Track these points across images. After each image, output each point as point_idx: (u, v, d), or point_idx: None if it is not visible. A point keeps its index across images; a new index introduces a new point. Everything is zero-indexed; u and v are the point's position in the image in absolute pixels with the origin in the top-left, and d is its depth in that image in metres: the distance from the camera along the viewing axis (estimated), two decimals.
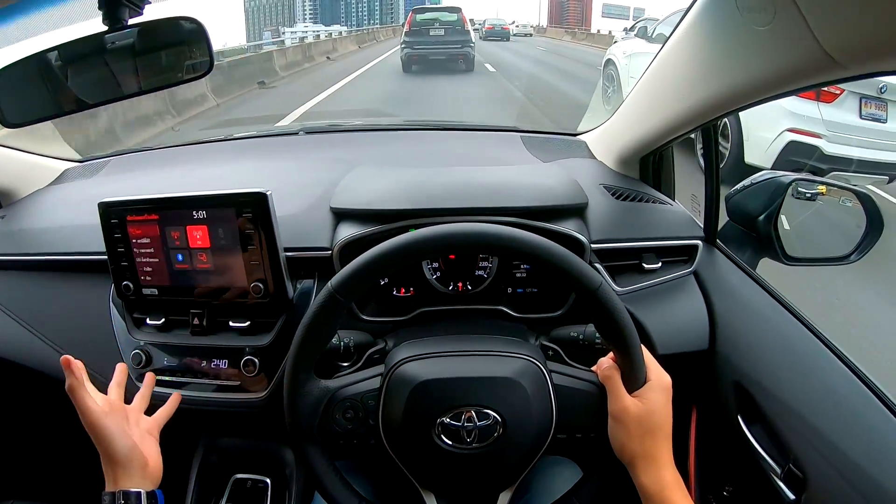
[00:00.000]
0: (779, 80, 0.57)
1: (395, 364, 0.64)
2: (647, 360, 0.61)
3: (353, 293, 0.59)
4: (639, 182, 0.97)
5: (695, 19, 0.66)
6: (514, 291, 0.87)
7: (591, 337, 0.74)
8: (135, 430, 0.66)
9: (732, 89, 0.63)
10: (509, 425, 0.61)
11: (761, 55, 0.56)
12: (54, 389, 0.87)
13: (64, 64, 0.77)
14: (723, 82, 0.64)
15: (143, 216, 0.79)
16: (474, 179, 0.89)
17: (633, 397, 0.60)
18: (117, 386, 0.70)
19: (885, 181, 3.59)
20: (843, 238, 0.92)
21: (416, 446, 0.62)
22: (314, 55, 12.81)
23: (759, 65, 0.57)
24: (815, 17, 0.48)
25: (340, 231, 0.83)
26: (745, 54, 0.59)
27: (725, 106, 0.67)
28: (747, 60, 0.59)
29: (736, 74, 0.61)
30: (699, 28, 0.66)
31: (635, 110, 0.90)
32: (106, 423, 0.62)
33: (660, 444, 0.59)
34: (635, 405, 0.60)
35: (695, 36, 0.67)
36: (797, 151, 3.46)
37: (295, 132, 1.29)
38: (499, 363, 0.63)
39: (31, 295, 0.90)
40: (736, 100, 0.65)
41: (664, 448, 0.60)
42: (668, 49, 0.74)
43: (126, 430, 0.64)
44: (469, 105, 7.04)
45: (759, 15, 0.53)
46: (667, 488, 0.58)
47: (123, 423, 0.65)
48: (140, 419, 0.69)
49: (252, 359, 0.79)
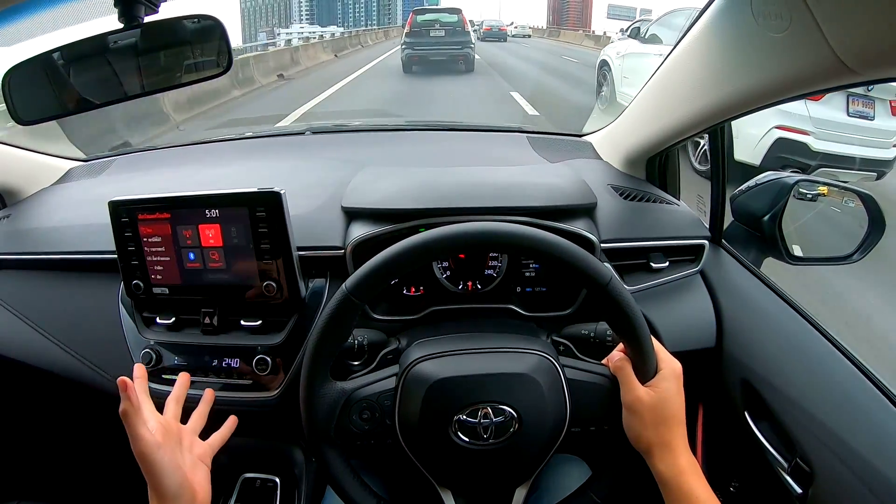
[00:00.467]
0: (791, 85, 0.58)
1: (410, 364, 0.64)
2: (657, 350, 0.63)
3: (367, 294, 0.60)
4: (645, 182, 0.98)
5: (708, 24, 0.67)
6: (523, 290, 0.87)
7: (602, 334, 0.75)
8: (187, 457, 0.62)
9: (744, 93, 0.64)
10: (525, 420, 0.61)
11: (775, 61, 0.57)
12: (61, 389, 0.86)
13: (68, 63, 0.77)
14: (735, 86, 0.65)
15: (155, 215, 0.79)
16: (484, 179, 0.90)
17: (645, 387, 0.61)
18: (175, 402, 0.67)
19: (874, 177, 3.66)
20: (844, 238, 0.94)
21: (433, 444, 0.62)
22: (256, 76, 8.99)
23: (773, 70, 0.58)
24: (830, 25, 0.49)
25: (353, 230, 0.83)
26: (759, 59, 0.60)
27: (736, 109, 0.68)
28: (761, 65, 0.60)
29: (749, 79, 0.63)
30: (712, 32, 0.67)
31: (643, 112, 0.91)
32: (158, 458, 0.57)
33: (674, 432, 0.61)
34: (648, 395, 0.61)
35: (707, 40, 0.68)
36: (785, 148, 3.53)
37: (301, 132, 1.29)
38: (513, 360, 0.64)
39: (37, 294, 0.89)
40: (747, 103, 0.66)
41: (679, 435, 0.61)
42: (679, 52, 0.75)
43: (178, 461, 0.60)
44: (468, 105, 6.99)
45: (774, 22, 0.54)
46: (683, 473, 0.59)
47: (176, 450, 0.61)
48: (194, 443, 0.65)
49: (265, 357, 0.79)
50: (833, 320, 1.25)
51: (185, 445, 0.63)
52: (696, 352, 0.84)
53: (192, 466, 0.62)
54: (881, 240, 0.89)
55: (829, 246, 0.97)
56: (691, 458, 0.61)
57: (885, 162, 3.67)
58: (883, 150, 3.64)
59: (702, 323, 0.85)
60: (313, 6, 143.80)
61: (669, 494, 0.59)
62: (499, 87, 8.75)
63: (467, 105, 7.20)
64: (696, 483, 0.59)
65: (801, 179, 0.92)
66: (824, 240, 0.99)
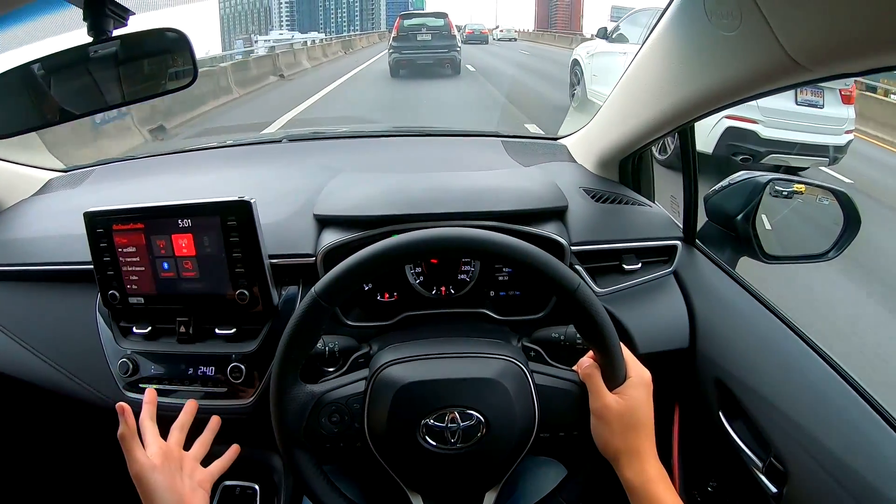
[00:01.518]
0: (747, 84, 0.59)
1: (379, 367, 0.65)
2: (626, 358, 0.63)
3: (336, 298, 0.60)
4: (618, 185, 0.98)
5: (667, 25, 0.68)
6: (496, 294, 0.88)
7: (571, 337, 0.76)
8: (186, 483, 0.64)
9: (704, 93, 0.65)
10: (492, 425, 0.62)
11: (729, 60, 0.58)
12: (39, 398, 0.87)
13: (48, 74, 0.77)
14: (695, 86, 0.66)
15: (129, 225, 0.79)
16: (455, 184, 0.90)
17: (614, 394, 0.61)
18: (180, 429, 0.69)
19: (827, 163, 3.92)
20: (820, 234, 0.94)
21: (401, 448, 0.63)
22: (233, 86, 8.24)
23: (728, 69, 0.59)
24: (778, 23, 0.50)
25: (324, 237, 0.83)
26: (715, 59, 0.60)
27: (699, 109, 0.69)
28: (717, 65, 0.60)
29: (707, 79, 0.63)
30: (671, 33, 0.68)
31: (613, 114, 0.92)
32: (153, 479, 0.60)
33: (642, 439, 0.61)
34: (616, 402, 0.61)
35: (667, 41, 0.69)
36: (735, 136, 3.75)
37: (278, 140, 1.29)
38: (481, 364, 0.64)
39: (15, 305, 0.90)
40: (708, 103, 0.66)
41: (647, 442, 0.61)
42: (644, 53, 0.76)
43: (176, 484, 0.62)
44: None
45: (726, 21, 0.55)
46: (650, 481, 0.59)
47: (175, 475, 0.63)
48: (195, 470, 0.67)
49: (239, 365, 0.80)
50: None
51: (186, 471, 0.65)
52: (669, 352, 0.84)
53: (191, 491, 0.64)
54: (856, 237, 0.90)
55: (805, 243, 0.97)
56: (659, 466, 0.61)
57: (838, 147, 3.89)
58: (835, 136, 3.85)
59: (675, 323, 0.85)
60: (294, 12, 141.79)
61: (637, 502, 0.59)
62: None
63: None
64: (663, 491, 0.59)
65: (774, 178, 0.92)
66: (799, 237, 0.99)
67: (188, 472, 0.65)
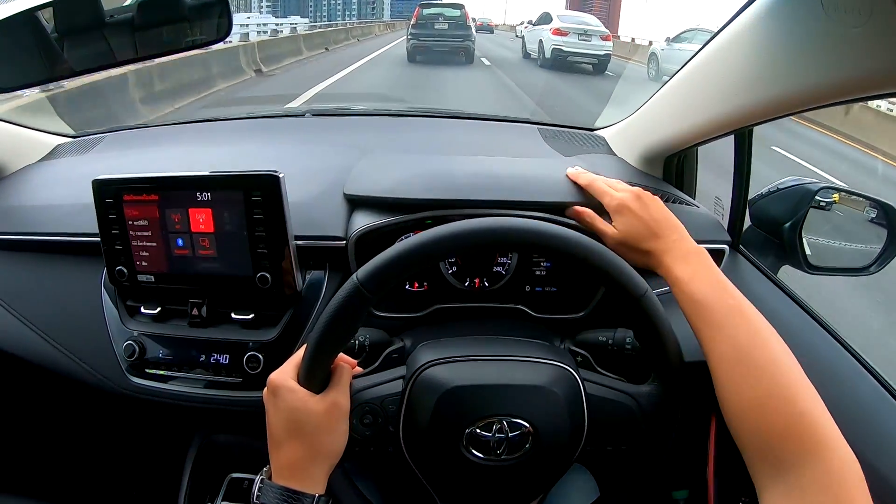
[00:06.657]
0: (859, 85, 0.53)
1: (421, 367, 0.59)
2: (610, 185, 0.72)
3: (381, 289, 0.53)
4: (663, 182, 0.93)
5: (760, 16, 0.62)
6: (532, 290, 0.83)
7: (620, 342, 0.71)
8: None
9: (799, 93, 0.59)
10: (541, 436, 0.57)
11: (845, 58, 0.52)
12: (39, 377, 0.80)
13: (59, 27, 0.71)
14: (787, 85, 0.60)
15: (142, 196, 0.73)
16: (500, 170, 0.84)
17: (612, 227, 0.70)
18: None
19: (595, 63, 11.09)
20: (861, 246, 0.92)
21: (440, 457, 0.58)
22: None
23: (842, 69, 0.53)
24: None
25: (356, 220, 0.77)
26: (826, 56, 0.54)
27: (785, 109, 0.63)
28: (827, 63, 0.55)
29: (807, 77, 0.57)
30: (766, 25, 0.62)
31: (667, 108, 0.86)
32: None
33: (675, 235, 0.66)
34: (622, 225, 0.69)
35: (757, 34, 0.63)
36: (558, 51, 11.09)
37: (301, 114, 1.22)
38: (532, 370, 0.59)
39: (14, 276, 0.83)
40: (801, 103, 0.60)
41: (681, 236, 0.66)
42: (718, 47, 0.70)
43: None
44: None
45: (849, 15, 0.49)
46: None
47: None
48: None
49: (256, 354, 0.74)
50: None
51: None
52: None
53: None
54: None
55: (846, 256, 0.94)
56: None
57: (600, 56, 11.21)
58: (598, 51, 11.14)
59: None
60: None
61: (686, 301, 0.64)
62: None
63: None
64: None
65: (824, 187, 0.89)
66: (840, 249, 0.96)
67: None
